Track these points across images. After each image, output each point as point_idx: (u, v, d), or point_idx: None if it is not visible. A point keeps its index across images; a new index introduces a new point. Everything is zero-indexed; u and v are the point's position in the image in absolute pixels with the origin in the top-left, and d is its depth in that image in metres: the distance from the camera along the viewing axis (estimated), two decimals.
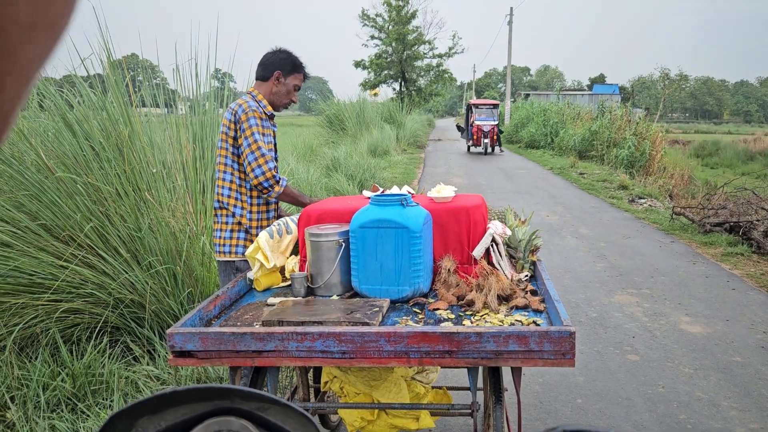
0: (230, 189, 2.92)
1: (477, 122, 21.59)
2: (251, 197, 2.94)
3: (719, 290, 5.75)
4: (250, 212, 2.95)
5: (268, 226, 2.94)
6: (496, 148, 22.26)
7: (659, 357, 4.21)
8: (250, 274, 2.55)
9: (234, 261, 2.95)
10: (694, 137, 38.12)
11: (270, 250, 2.52)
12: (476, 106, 22.73)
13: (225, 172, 2.91)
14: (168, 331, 1.93)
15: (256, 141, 2.79)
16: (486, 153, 21.50)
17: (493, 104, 22.93)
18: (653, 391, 3.72)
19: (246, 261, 2.86)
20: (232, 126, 2.84)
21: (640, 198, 11.65)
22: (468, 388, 3.08)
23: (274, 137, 3.03)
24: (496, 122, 21.69)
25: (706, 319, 4.95)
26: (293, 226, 2.72)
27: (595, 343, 4.43)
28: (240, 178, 2.91)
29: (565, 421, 3.37)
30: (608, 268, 6.51)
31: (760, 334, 4.62)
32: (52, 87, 4.50)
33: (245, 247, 2.92)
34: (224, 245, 2.94)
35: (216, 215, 2.98)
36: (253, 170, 2.80)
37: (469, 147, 22.66)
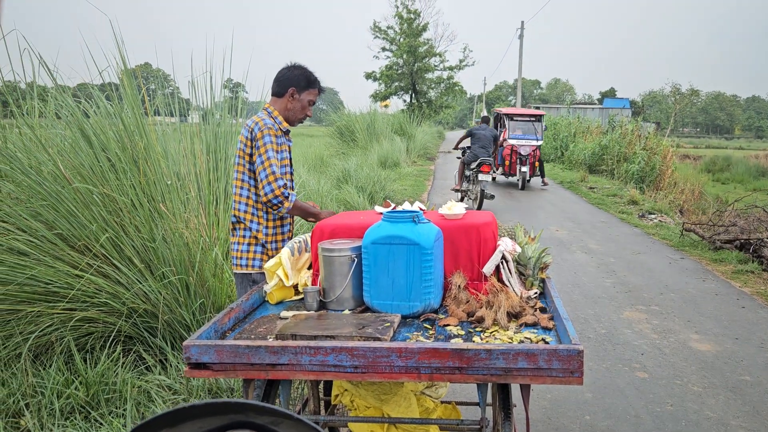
0: (247, 204, 3.00)
1: (511, 141, 14.79)
2: (267, 212, 3.01)
3: (729, 308, 5.73)
4: (266, 227, 3.02)
5: (283, 240, 3.03)
6: (536, 179, 15.49)
7: (668, 375, 4.21)
8: (267, 287, 2.60)
9: (251, 273, 3.02)
10: (704, 152, 37.97)
11: (291, 268, 2.57)
12: (510, 116, 15.70)
13: (242, 188, 2.99)
14: (184, 343, 1.97)
15: (269, 158, 2.86)
16: (523, 187, 14.66)
17: (536, 115, 15.82)
18: (662, 409, 3.72)
19: (262, 273, 2.94)
20: (249, 143, 2.92)
21: (650, 213, 11.63)
22: (476, 404, 3.10)
23: (290, 152, 3.10)
24: (540, 141, 14.96)
25: (716, 337, 4.94)
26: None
27: (604, 360, 4.43)
28: (256, 194, 2.99)
29: None
30: (617, 284, 6.51)
31: None
32: (69, 97, 4.58)
33: (262, 260, 3.00)
34: (241, 258, 3.02)
35: (234, 229, 3.06)
36: (263, 187, 2.87)
37: (494, 178, 15.77)
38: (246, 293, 2.83)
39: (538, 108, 44.79)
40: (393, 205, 3.04)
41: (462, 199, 11.44)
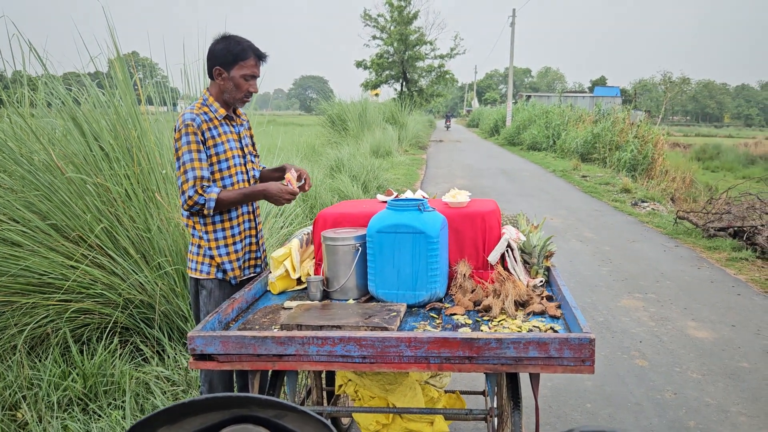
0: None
1: None
2: (204, 217, 2.65)
3: (725, 295, 5.76)
4: (206, 232, 2.65)
5: (235, 243, 2.71)
6: None
7: (667, 362, 4.21)
8: (271, 277, 2.56)
9: (199, 279, 2.71)
10: (694, 140, 38.15)
11: (300, 260, 2.52)
12: None
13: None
14: (189, 334, 1.93)
15: (183, 164, 2.52)
16: None
17: None
18: (662, 396, 3.72)
19: (210, 280, 2.68)
20: (173, 143, 2.60)
21: (643, 201, 11.66)
22: (480, 393, 3.09)
23: (240, 139, 2.73)
24: None
25: (713, 325, 4.96)
26: None
27: (603, 348, 4.43)
28: None
29: (581, 422, 3.37)
30: (613, 272, 6.52)
31: (766, 340, 4.62)
32: (60, 85, 4.50)
33: (210, 265, 2.68)
34: (192, 261, 2.71)
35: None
36: (180, 196, 2.57)
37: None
38: (198, 298, 2.71)
39: (529, 97, 44.25)
40: (395, 194, 3.00)
41: None
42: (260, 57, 2.65)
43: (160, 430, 0.90)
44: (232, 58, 2.57)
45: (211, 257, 2.67)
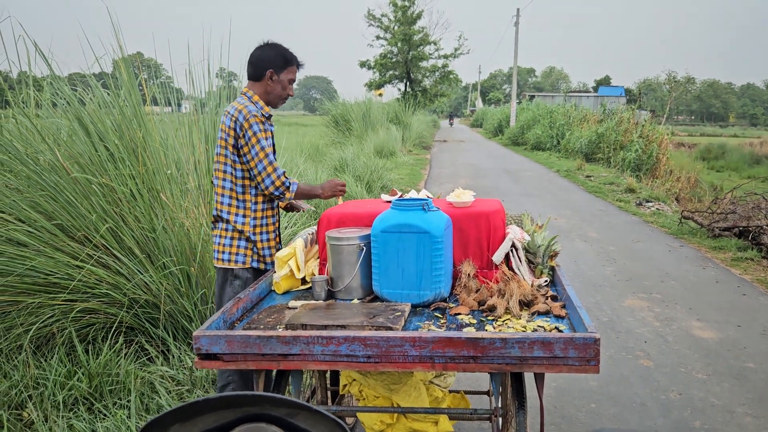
0: (231, 198, 2.83)
1: None
2: (256, 203, 2.85)
3: (730, 295, 5.74)
4: (254, 218, 2.86)
5: (269, 231, 2.91)
6: None
7: (672, 362, 4.21)
8: (276, 276, 2.56)
9: (233, 269, 2.86)
10: (699, 140, 38.03)
11: (304, 260, 2.53)
12: None
13: (224, 179, 2.82)
14: (195, 333, 1.94)
15: (263, 148, 2.71)
16: None
17: None
18: (667, 396, 3.72)
19: (245, 269, 2.81)
20: (232, 133, 2.74)
21: (648, 201, 11.63)
22: (484, 393, 3.09)
23: (273, 137, 2.94)
24: None
25: (718, 325, 4.94)
26: None
27: (608, 348, 4.43)
28: (241, 185, 2.82)
29: (586, 423, 3.37)
30: (618, 272, 6.51)
31: None
32: (65, 86, 4.51)
33: (246, 255, 2.84)
34: (224, 252, 2.84)
35: (216, 221, 2.88)
36: (263, 180, 2.73)
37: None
38: (229, 289, 2.80)
39: (533, 97, 44.24)
40: (400, 194, 3.00)
41: None
42: (299, 65, 2.98)
43: (173, 428, 0.90)
44: (283, 63, 2.87)
45: (253, 244, 2.85)
